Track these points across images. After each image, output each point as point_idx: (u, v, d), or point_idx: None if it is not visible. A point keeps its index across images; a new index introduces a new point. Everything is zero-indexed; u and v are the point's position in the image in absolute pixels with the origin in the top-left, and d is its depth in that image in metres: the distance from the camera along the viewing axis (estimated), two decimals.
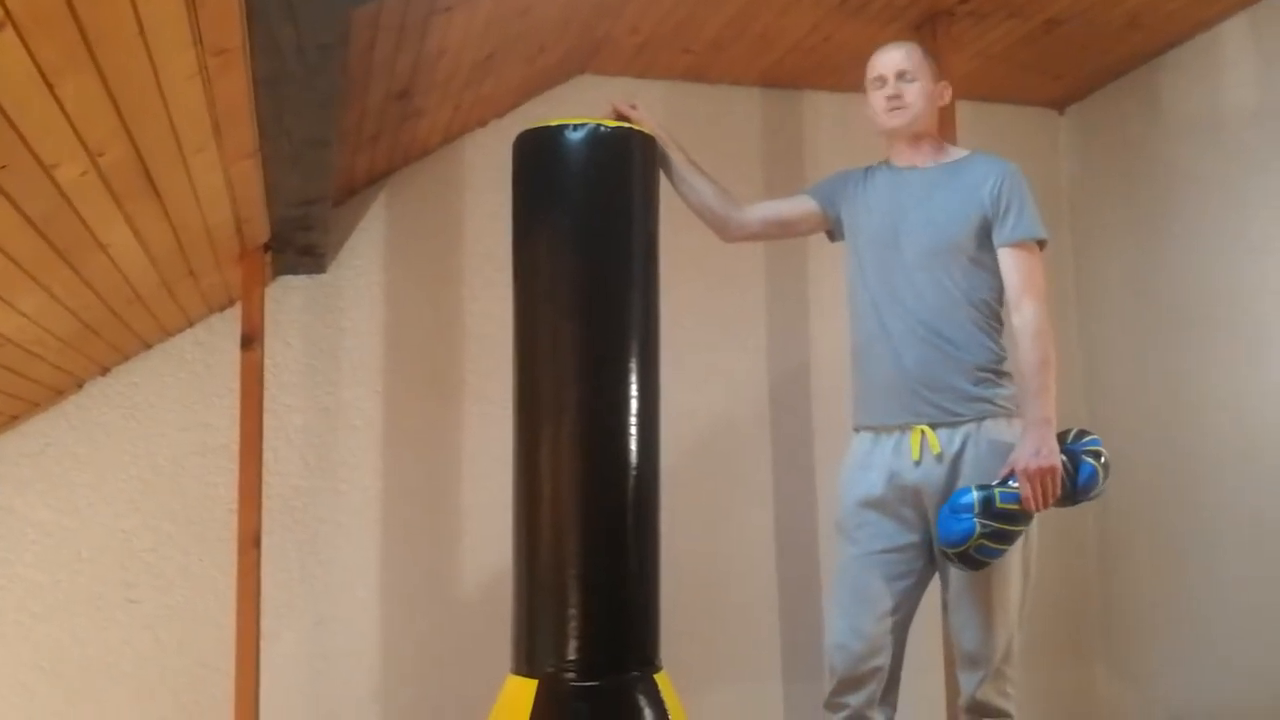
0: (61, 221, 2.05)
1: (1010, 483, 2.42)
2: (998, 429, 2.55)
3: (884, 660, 2.58)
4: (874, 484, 2.60)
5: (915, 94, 2.68)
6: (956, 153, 2.77)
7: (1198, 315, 3.64)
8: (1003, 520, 2.40)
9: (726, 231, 2.93)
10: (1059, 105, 4.27)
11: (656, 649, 2.61)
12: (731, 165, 3.81)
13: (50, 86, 1.55)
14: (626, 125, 2.70)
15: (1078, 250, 4.19)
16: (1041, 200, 4.17)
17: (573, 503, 2.57)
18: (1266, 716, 3.37)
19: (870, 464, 2.62)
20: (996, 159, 2.72)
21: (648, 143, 2.74)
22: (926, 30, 3.47)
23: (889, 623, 2.59)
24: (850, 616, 2.60)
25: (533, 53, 3.37)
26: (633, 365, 2.61)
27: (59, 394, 3.32)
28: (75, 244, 2.20)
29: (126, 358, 3.39)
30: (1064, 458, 2.46)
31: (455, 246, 3.69)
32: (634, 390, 2.60)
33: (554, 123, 2.66)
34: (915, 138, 2.72)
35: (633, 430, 2.58)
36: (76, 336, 2.86)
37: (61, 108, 1.63)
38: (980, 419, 2.55)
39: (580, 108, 3.59)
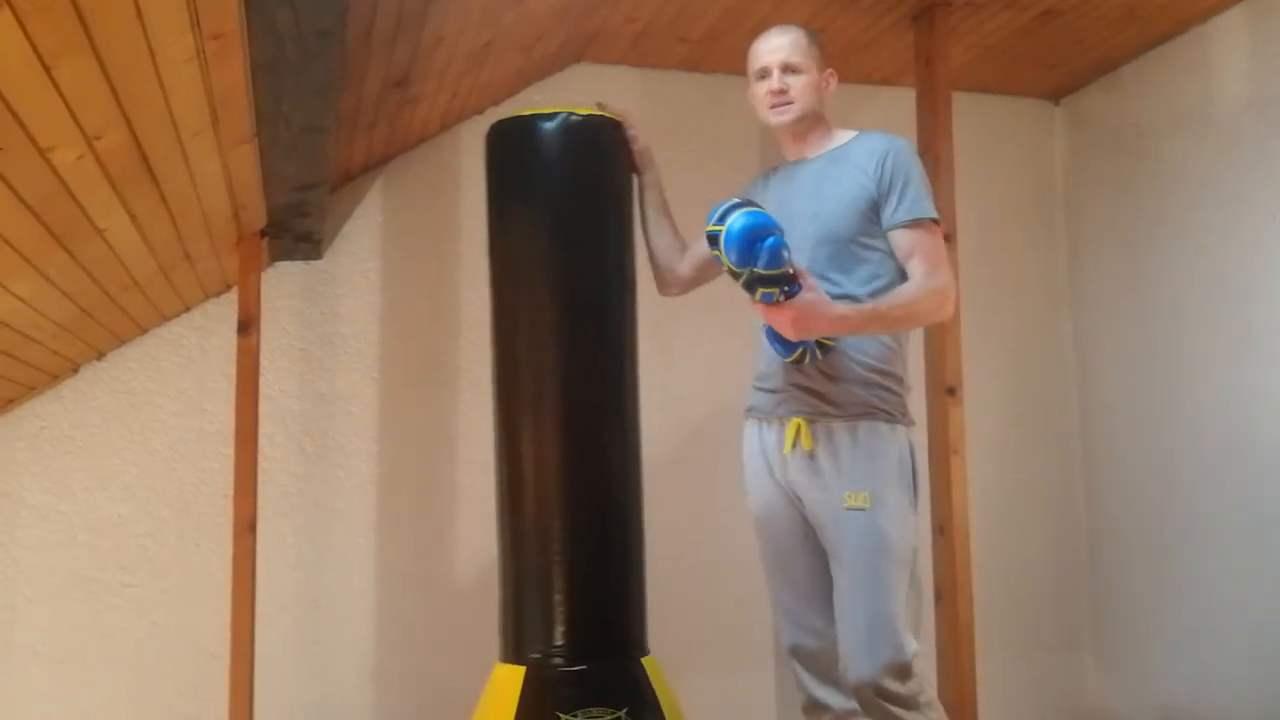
0: (58, 205, 2.05)
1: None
2: (875, 432, 2.41)
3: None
4: (766, 476, 2.52)
5: (801, 88, 2.52)
6: (843, 136, 2.58)
7: (1191, 308, 3.65)
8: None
9: (665, 286, 2.84)
10: (1054, 96, 4.28)
11: (643, 633, 2.63)
12: (727, 155, 3.83)
13: (47, 69, 1.56)
14: (598, 114, 2.68)
15: (1072, 242, 4.19)
16: (1036, 192, 4.25)
17: (555, 490, 2.58)
18: (1254, 710, 3.39)
19: (761, 452, 2.53)
20: (883, 135, 2.53)
21: (619, 130, 2.73)
22: (923, 21, 3.48)
23: (831, 612, 2.46)
24: (796, 616, 2.52)
25: (530, 41, 3.37)
26: (612, 353, 2.63)
27: (55, 378, 3.32)
28: (71, 228, 2.21)
29: (122, 342, 3.40)
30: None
31: (451, 233, 3.70)
32: (613, 378, 2.62)
33: (526, 113, 2.66)
34: (801, 131, 2.57)
35: (613, 416, 2.60)
36: (72, 321, 2.86)
37: (58, 91, 1.64)
38: (856, 419, 2.40)
39: (577, 96, 3.60)
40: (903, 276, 2.44)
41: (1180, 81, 3.71)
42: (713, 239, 2.24)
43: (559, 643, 2.51)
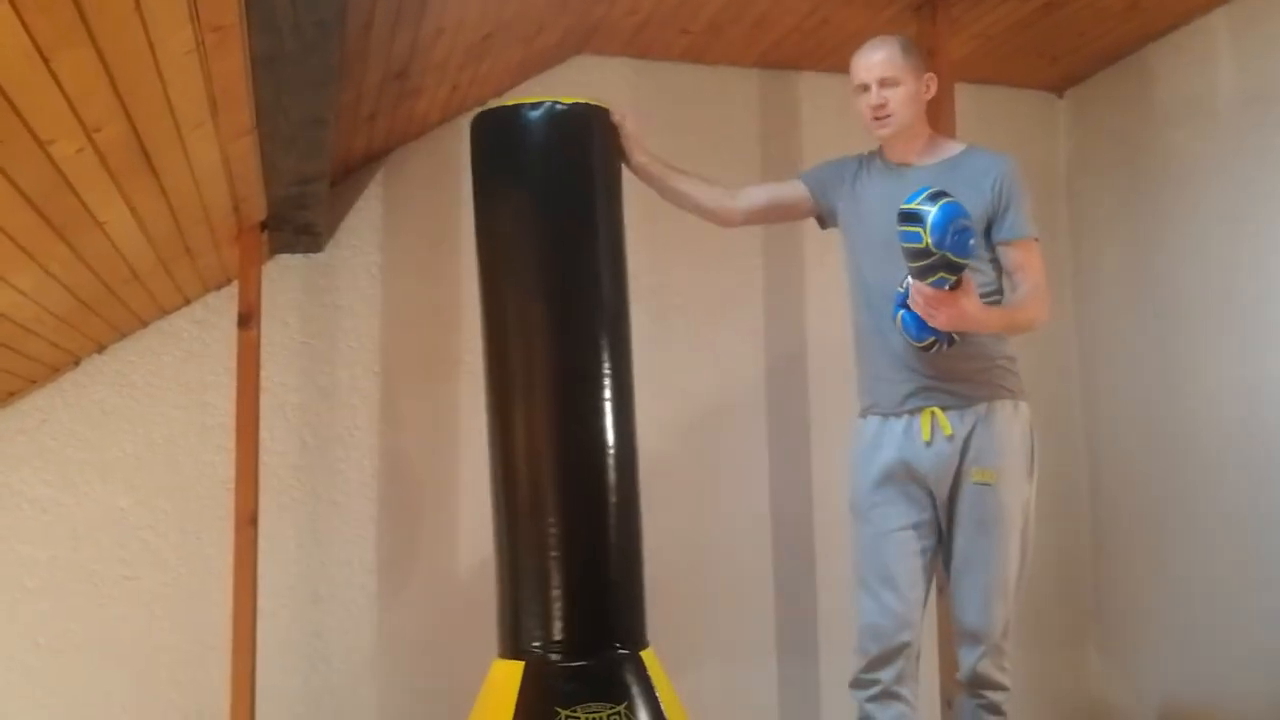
0: (58, 198, 2.05)
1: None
2: (1005, 411, 2.63)
3: (911, 635, 2.63)
4: (885, 464, 2.65)
5: (899, 101, 2.67)
6: (952, 147, 2.78)
7: (1194, 300, 3.64)
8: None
9: (724, 221, 2.97)
10: (1058, 88, 4.26)
11: (642, 626, 2.62)
12: (728, 147, 3.82)
13: (46, 62, 1.55)
14: (583, 101, 2.68)
15: (1075, 233, 4.18)
16: (1039, 184, 4.22)
17: (549, 484, 2.58)
18: (1257, 702, 3.39)
19: (880, 444, 2.67)
20: (995, 153, 2.73)
21: (605, 117, 2.72)
22: (925, 12, 3.47)
23: (913, 598, 2.64)
24: (878, 596, 2.64)
25: (530, 33, 3.36)
26: (604, 343, 2.61)
27: (56, 371, 3.32)
28: (72, 221, 2.20)
29: (123, 335, 3.39)
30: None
31: (452, 226, 3.69)
32: (606, 368, 2.60)
33: (510, 102, 2.66)
34: (907, 137, 2.73)
35: (607, 408, 2.58)
36: (73, 314, 2.86)
37: (58, 83, 1.63)
38: (990, 400, 2.62)
39: (578, 88, 3.58)
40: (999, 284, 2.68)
41: (1184, 73, 3.70)
42: (912, 216, 2.36)
43: (557, 638, 2.50)
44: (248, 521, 3.12)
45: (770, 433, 3.89)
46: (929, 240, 2.33)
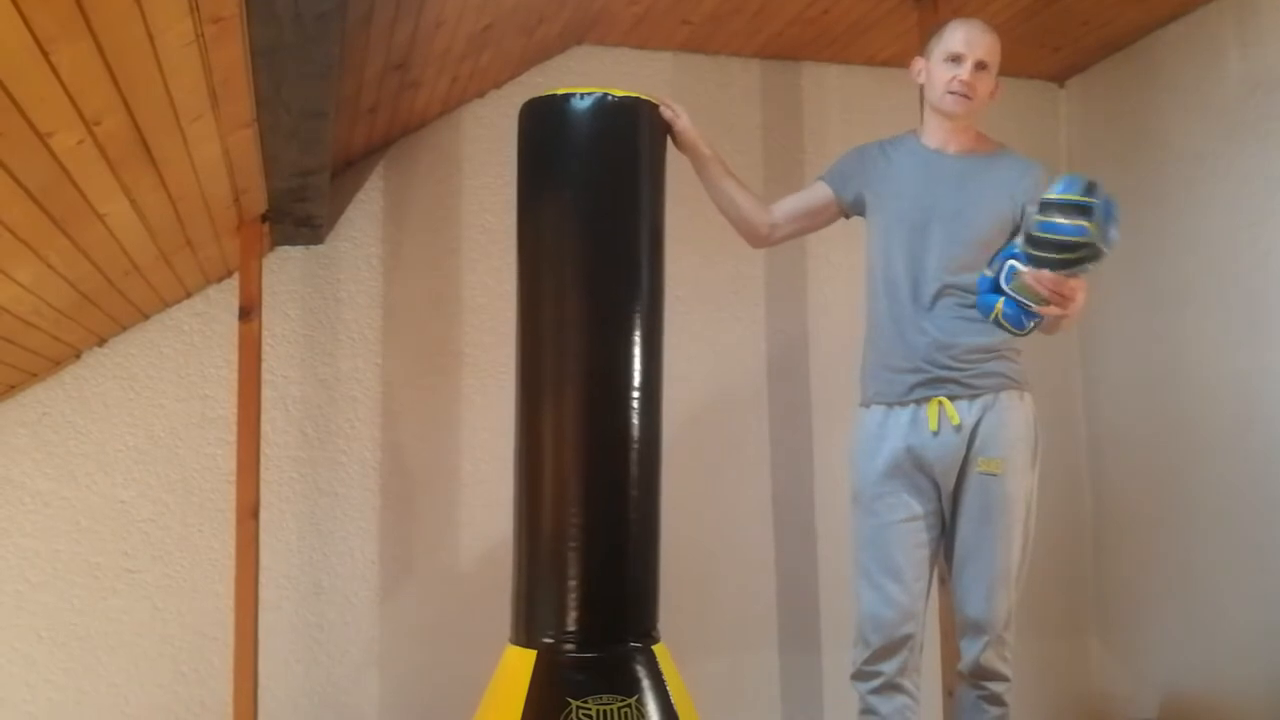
0: (58, 191, 2.04)
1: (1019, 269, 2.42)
2: (1012, 401, 2.64)
3: (914, 627, 2.64)
4: (890, 456, 2.65)
5: (984, 88, 2.70)
6: (987, 144, 2.80)
7: (1195, 288, 3.63)
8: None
9: (757, 240, 2.95)
10: (1060, 78, 4.25)
11: (655, 621, 2.62)
12: (731, 137, 3.81)
13: (45, 54, 1.55)
14: (634, 95, 2.68)
15: None
16: None
17: (574, 474, 2.57)
18: (1258, 691, 3.39)
19: (885, 435, 2.67)
20: (1028, 160, 2.77)
21: (653, 111, 2.72)
22: (926, 2, 3.45)
23: (916, 590, 2.65)
24: (880, 588, 2.65)
25: (531, 24, 3.35)
26: (637, 337, 2.60)
27: (56, 364, 3.32)
28: (72, 213, 2.20)
29: (124, 328, 3.39)
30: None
31: (453, 218, 3.69)
32: (638, 362, 2.59)
33: (560, 91, 2.64)
34: (962, 127, 2.75)
35: (635, 402, 2.58)
36: (74, 307, 2.85)
37: (57, 75, 1.63)
38: (997, 391, 2.63)
39: (579, 78, 3.59)
40: None
41: (1187, 62, 3.68)
42: (1078, 208, 2.29)
43: (571, 628, 2.50)
44: (249, 513, 3.12)
45: (772, 423, 3.89)
46: (1096, 233, 2.28)
